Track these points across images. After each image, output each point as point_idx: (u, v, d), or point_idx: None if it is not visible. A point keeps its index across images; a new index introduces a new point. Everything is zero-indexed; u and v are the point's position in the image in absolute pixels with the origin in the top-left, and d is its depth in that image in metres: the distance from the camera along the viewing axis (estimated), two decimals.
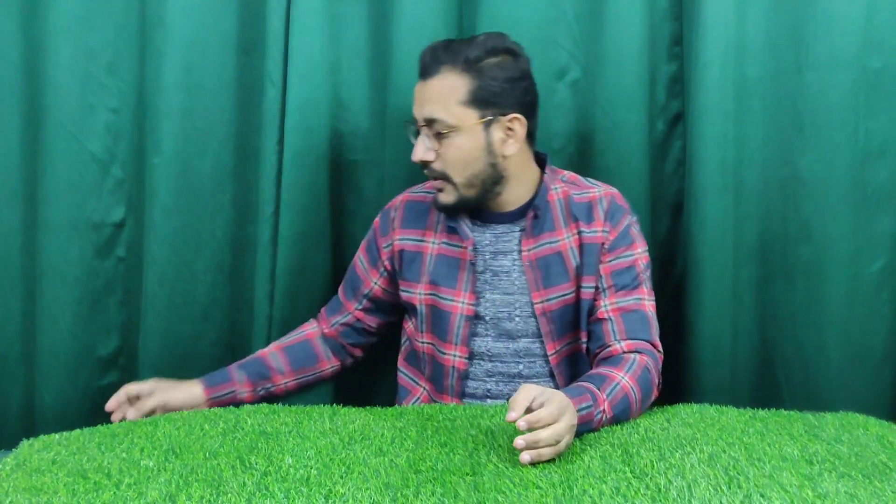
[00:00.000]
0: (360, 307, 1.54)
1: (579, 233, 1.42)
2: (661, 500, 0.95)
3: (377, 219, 1.55)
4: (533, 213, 1.42)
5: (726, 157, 1.58)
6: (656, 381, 1.34)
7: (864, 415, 1.31)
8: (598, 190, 1.45)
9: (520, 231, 1.43)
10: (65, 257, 1.66)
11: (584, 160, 1.66)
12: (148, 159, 1.65)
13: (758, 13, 1.58)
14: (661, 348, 1.39)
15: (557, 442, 1.07)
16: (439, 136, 1.36)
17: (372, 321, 1.55)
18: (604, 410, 1.20)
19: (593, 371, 1.30)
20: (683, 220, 1.66)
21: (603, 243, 1.41)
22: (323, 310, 1.58)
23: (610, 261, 1.40)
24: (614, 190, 1.47)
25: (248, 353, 1.64)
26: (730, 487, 0.98)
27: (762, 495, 0.95)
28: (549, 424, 1.07)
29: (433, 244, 1.46)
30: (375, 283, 1.53)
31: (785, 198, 1.61)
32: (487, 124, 1.36)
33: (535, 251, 1.42)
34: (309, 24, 1.60)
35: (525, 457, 1.05)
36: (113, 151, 1.69)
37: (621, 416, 1.24)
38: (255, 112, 1.66)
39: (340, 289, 1.57)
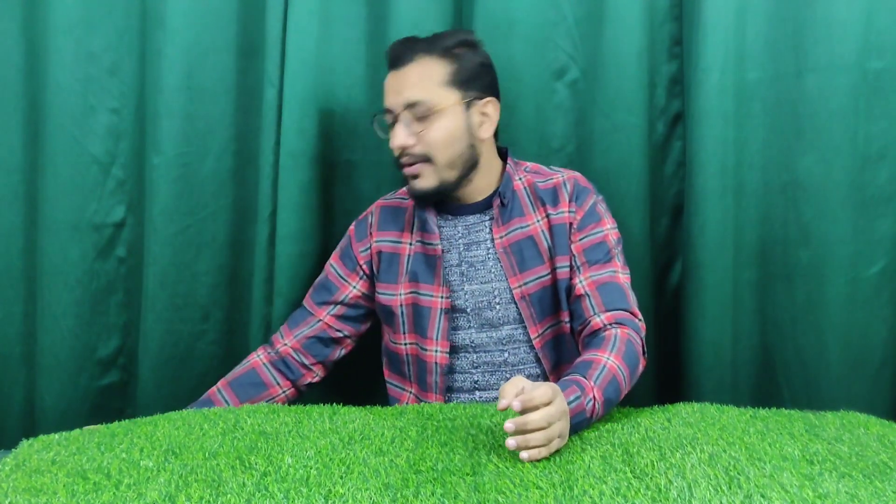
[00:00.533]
0: (333, 312, 1.52)
1: (547, 216, 1.46)
2: (661, 501, 0.94)
3: (351, 227, 1.57)
4: (500, 201, 1.45)
5: (726, 160, 1.58)
6: (641, 350, 1.34)
7: (865, 414, 1.31)
8: (560, 175, 1.50)
9: (489, 220, 1.46)
10: (65, 258, 1.66)
11: (584, 161, 1.66)
12: (148, 160, 1.65)
13: (758, 16, 1.59)
14: (641, 317, 1.39)
15: (549, 424, 1.06)
16: (422, 119, 1.40)
17: (342, 329, 1.53)
18: (594, 398, 1.18)
19: (578, 359, 1.29)
20: (683, 222, 1.66)
21: (571, 223, 1.44)
22: (284, 326, 1.55)
23: (580, 239, 1.43)
24: (577, 173, 1.51)
25: (247, 354, 1.64)
26: (730, 487, 0.98)
27: (763, 495, 0.95)
28: (542, 405, 1.05)
29: (409, 245, 1.49)
30: (354, 287, 1.53)
31: (785, 201, 1.61)
32: (468, 105, 1.42)
33: (506, 237, 1.45)
34: (305, 26, 1.60)
35: (511, 442, 1.04)
36: (114, 152, 1.69)
37: (613, 397, 1.23)
38: (255, 113, 1.66)
39: (307, 300, 1.55)
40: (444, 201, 1.48)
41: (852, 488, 0.98)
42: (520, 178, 1.49)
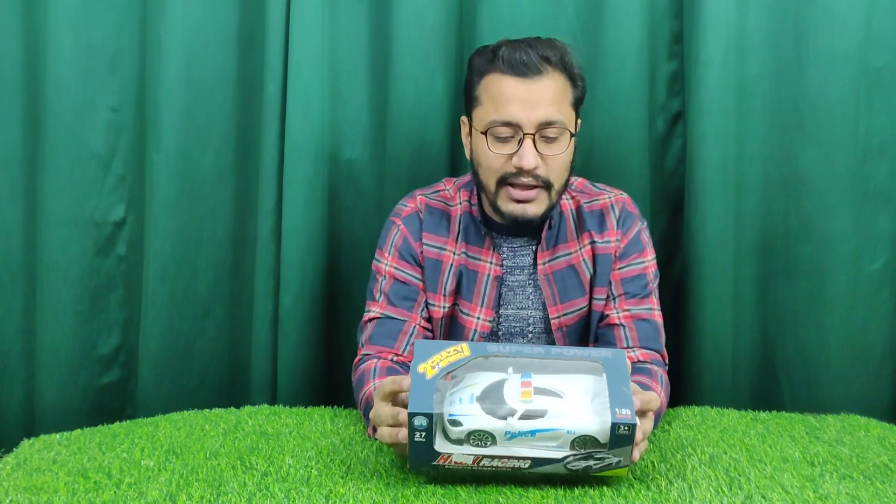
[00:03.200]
0: (423, 314, 1.38)
1: (592, 243, 1.38)
2: (662, 502, 0.95)
3: (400, 224, 1.40)
4: (548, 224, 1.37)
5: (727, 155, 1.58)
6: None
7: (866, 416, 1.31)
8: (608, 196, 1.42)
9: (536, 244, 1.39)
10: (66, 254, 1.65)
11: (585, 158, 1.65)
12: (149, 155, 1.64)
13: (758, 10, 1.58)
14: (667, 360, 1.38)
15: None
16: (549, 141, 1.28)
17: (426, 325, 1.40)
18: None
19: (639, 379, 1.24)
20: (684, 217, 1.65)
21: (615, 252, 1.38)
22: (374, 347, 1.34)
23: (621, 268, 1.38)
24: (625, 196, 1.43)
25: (249, 351, 1.64)
26: (731, 489, 0.98)
27: (763, 496, 0.96)
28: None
29: (454, 254, 1.39)
30: (421, 281, 1.40)
31: (786, 195, 1.61)
32: (575, 128, 1.33)
33: (549, 264, 1.38)
34: (309, 18, 1.59)
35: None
36: (114, 148, 1.68)
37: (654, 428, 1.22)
38: (256, 107, 1.65)
39: (390, 310, 1.36)
40: (492, 218, 1.38)
41: (853, 489, 0.99)
42: (567, 199, 1.41)
